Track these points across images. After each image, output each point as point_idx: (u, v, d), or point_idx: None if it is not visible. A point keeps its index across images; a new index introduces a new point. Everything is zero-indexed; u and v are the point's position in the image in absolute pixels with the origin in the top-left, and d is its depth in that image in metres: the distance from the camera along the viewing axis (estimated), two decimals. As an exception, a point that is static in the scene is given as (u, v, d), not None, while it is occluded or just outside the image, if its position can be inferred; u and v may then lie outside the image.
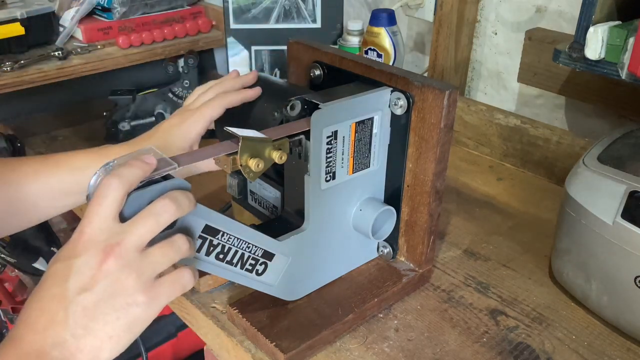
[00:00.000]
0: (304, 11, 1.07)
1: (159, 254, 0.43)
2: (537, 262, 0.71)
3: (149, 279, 0.43)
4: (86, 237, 0.41)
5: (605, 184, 0.58)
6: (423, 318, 0.62)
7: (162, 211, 0.43)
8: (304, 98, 0.59)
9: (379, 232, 0.63)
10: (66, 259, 0.41)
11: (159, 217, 0.43)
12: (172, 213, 0.43)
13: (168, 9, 1.19)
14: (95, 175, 0.45)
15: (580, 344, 0.59)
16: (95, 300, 0.41)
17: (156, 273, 0.43)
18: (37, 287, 0.42)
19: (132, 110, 0.99)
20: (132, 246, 0.42)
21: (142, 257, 0.42)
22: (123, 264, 0.41)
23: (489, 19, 0.99)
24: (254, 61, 1.12)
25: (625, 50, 0.59)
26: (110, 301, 0.41)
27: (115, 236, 0.42)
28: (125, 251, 0.41)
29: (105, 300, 0.41)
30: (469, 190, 0.87)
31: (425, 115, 0.58)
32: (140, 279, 0.42)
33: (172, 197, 0.44)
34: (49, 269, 0.42)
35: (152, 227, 0.43)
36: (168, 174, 0.46)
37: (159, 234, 0.44)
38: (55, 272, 0.41)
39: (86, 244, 0.41)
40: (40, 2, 1.06)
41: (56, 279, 0.41)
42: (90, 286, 0.41)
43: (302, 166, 0.57)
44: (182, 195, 0.44)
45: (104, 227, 0.42)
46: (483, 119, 0.95)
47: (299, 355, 0.55)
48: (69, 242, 0.42)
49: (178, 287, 0.44)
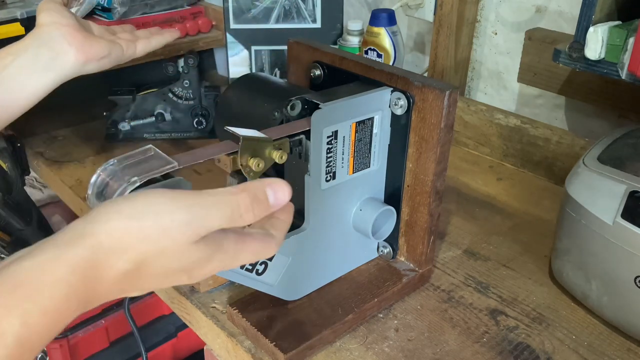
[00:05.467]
0: (304, 11, 1.07)
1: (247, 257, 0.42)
2: (537, 262, 0.71)
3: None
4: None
5: (605, 184, 0.58)
6: (423, 318, 0.62)
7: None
8: (304, 98, 0.59)
9: (379, 232, 0.63)
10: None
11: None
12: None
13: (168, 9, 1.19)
14: (95, 175, 0.45)
15: (580, 344, 0.59)
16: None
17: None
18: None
19: (132, 110, 1.00)
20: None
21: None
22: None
23: (489, 19, 0.99)
24: (254, 61, 1.12)
25: (625, 50, 0.59)
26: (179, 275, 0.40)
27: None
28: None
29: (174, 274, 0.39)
30: (469, 190, 0.87)
31: (425, 115, 0.58)
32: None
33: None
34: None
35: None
36: (168, 172, 0.46)
37: None
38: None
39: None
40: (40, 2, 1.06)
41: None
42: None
43: (302, 166, 0.57)
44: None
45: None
46: (483, 119, 0.95)
47: (299, 355, 0.55)
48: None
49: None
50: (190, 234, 0.37)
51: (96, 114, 1.03)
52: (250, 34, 1.09)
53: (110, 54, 0.73)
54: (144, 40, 0.79)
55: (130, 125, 1.00)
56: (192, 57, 0.99)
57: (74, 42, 0.69)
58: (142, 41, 0.78)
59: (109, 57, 0.73)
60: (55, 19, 0.70)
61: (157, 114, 1.00)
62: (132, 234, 0.36)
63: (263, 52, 1.11)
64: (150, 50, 0.79)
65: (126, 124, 1.00)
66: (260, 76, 0.73)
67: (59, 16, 0.70)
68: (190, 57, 0.99)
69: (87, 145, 1.00)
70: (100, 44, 0.72)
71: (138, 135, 1.01)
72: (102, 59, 0.72)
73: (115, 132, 1.00)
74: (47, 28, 0.69)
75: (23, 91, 0.68)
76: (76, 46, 0.69)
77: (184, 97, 1.00)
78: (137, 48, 0.77)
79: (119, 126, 1.00)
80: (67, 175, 0.91)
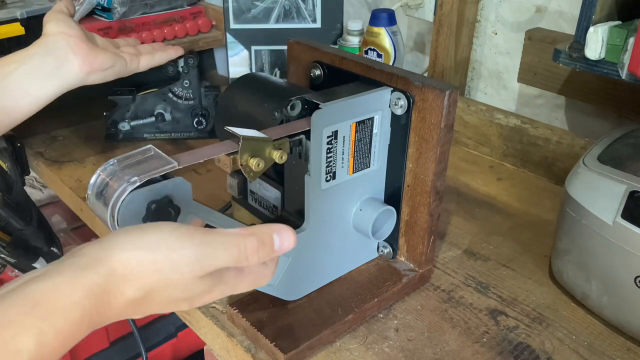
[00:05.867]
0: (304, 11, 1.07)
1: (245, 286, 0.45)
2: (537, 262, 0.71)
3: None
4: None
5: (605, 184, 0.58)
6: (423, 318, 0.62)
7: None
8: (304, 98, 0.59)
9: (379, 232, 0.63)
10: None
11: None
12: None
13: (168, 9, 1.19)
14: (95, 175, 0.45)
15: (580, 344, 0.59)
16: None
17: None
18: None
19: (132, 110, 1.00)
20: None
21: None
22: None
23: (489, 19, 0.99)
24: (254, 61, 1.12)
25: (625, 50, 0.59)
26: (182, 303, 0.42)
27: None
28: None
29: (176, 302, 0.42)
30: (469, 190, 0.87)
31: (425, 115, 0.58)
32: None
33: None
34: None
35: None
36: (167, 172, 0.46)
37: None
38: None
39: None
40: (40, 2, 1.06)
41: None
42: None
43: (302, 166, 0.57)
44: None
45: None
46: (483, 119, 0.95)
47: (299, 355, 0.55)
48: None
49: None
50: (198, 270, 0.40)
51: (96, 114, 1.03)
52: (250, 34, 1.09)
53: (114, 65, 0.74)
54: (148, 56, 0.80)
55: (130, 125, 1.00)
56: (192, 57, 0.99)
57: (80, 53, 0.71)
58: (146, 56, 0.80)
59: (112, 69, 0.75)
60: (61, 29, 0.71)
61: (157, 114, 1.00)
62: (144, 265, 0.39)
63: (263, 52, 1.11)
64: (153, 65, 0.81)
65: (126, 124, 1.00)
66: (260, 76, 0.73)
67: (65, 26, 0.72)
68: (190, 57, 0.99)
69: (87, 145, 1.00)
70: (104, 56, 0.73)
71: (138, 135, 1.01)
72: (105, 70, 0.74)
73: (115, 132, 1.00)
74: (53, 37, 0.71)
75: (26, 97, 0.69)
76: (81, 56, 0.71)
77: (184, 97, 1.00)
78: (140, 62, 0.79)
79: (119, 126, 1.00)
80: (67, 175, 0.91)
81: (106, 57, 0.73)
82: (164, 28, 1.16)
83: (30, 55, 0.69)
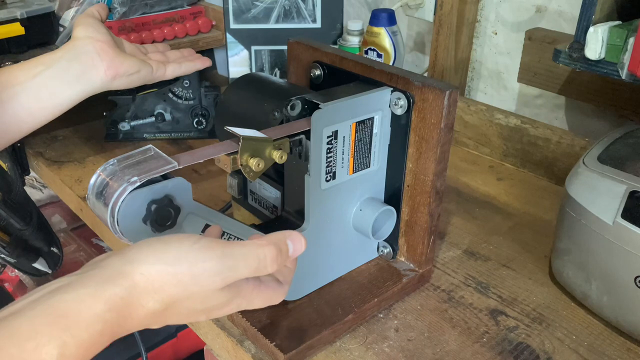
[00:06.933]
0: (304, 11, 1.07)
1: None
2: (537, 262, 0.71)
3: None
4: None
5: (605, 184, 0.58)
6: (423, 318, 0.62)
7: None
8: (304, 98, 0.59)
9: (379, 232, 0.63)
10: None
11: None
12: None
13: (168, 9, 1.19)
14: (95, 175, 0.45)
15: (580, 344, 0.59)
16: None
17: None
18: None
19: (132, 110, 1.00)
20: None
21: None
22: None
23: (489, 19, 0.99)
24: (254, 61, 1.12)
25: (625, 50, 0.59)
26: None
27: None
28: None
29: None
30: (469, 190, 0.87)
31: (425, 115, 0.58)
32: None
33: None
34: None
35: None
36: (167, 172, 0.46)
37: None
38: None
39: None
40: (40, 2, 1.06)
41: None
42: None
43: (302, 166, 0.57)
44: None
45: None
46: (483, 119, 0.95)
47: (299, 355, 0.55)
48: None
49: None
50: (219, 282, 0.41)
51: (96, 114, 1.03)
52: (250, 34, 1.09)
53: (139, 71, 0.74)
54: (175, 65, 0.80)
55: (130, 125, 1.00)
56: (192, 57, 0.98)
57: (106, 58, 0.71)
58: (173, 65, 0.79)
59: (137, 75, 0.74)
60: (90, 33, 0.72)
61: (157, 114, 1.00)
62: (166, 279, 0.39)
63: (263, 52, 1.11)
64: (180, 74, 0.80)
65: (126, 124, 1.00)
66: (260, 76, 0.72)
67: (94, 31, 0.72)
68: (190, 57, 0.98)
69: (87, 145, 1.00)
70: (130, 62, 0.73)
71: (138, 135, 1.01)
72: (130, 75, 0.74)
73: (115, 132, 1.00)
74: (81, 42, 0.71)
75: (51, 100, 0.70)
76: (107, 62, 0.71)
77: (184, 97, 1.00)
78: (166, 71, 0.78)
79: (119, 126, 1.00)
80: (67, 175, 0.91)
81: (132, 63, 0.73)
82: (164, 28, 1.16)
83: (57, 58, 0.70)
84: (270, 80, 0.71)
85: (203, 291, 0.40)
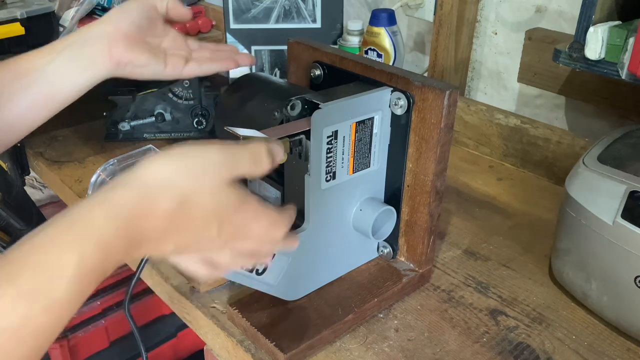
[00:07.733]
0: (304, 11, 1.07)
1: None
2: (537, 262, 0.71)
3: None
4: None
5: (605, 184, 0.58)
6: (423, 318, 0.62)
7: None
8: (304, 98, 0.59)
9: (379, 232, 0.63)
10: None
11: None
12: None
13: (168, 9, 1.19)
14: (96, 175, 0.45)
15: (580, 344, 0.59)
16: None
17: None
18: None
19: (132, 110, 0.99)
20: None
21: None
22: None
23: (489, 19, 0.99)
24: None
25: (625, 50, 0.59)
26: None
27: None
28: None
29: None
30: (469, 190, 0.87)
31: (425, 115, 0.58)
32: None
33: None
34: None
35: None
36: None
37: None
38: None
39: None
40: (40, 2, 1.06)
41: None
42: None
43: (302, 166, 0.57)
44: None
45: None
46: (483, 119, 0.95)
47: (299, 355, 0.55)
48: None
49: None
50: (224, 173, 0.43)
51: (96, 114, 1.03)
52: (250, 34, 1.09)
53: (147, 66, 0.71)
54: (194, 65, 0.76)
55: (130, 125, 1.00)
56: (192, 57, 0.98)
57: (113, 45, 0.69)
58: (192, 65, 0.75)
59: (145, 68, 0.72)
60: (114, 16, 0.70)
61: (157, 114, 1.00)
62: (175, 172, 0.41)
63: (263, 52, 1.11)
64: (199, 75, 0.77)
65: (126, 124, 1.00)
66: (260, 76, 0.73)
67: (121, 16, 0.70)
68: (190, 57, 0.98)
69: (87, 145, 1.00)
70: (139, 54, 0.70)
71: (138, 135, 1.01)
72: (137, 67, 0.71)
73: (115, 132, 1.00)
74: (98, 27, 0.70)
75: (64, 85, 0.69)
76: (114, 48, 0.69)
77: (184, 97, 1.00)
78: (183, 70, 0.75)
79: (119, 126, 1.00)
80: (67, 175, 0.91)
81: (140, 55, 0.70)
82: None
83: (70, 43, 0.69)
84: (270, 80, 0.71)
85: (212, 183, 0.42)
